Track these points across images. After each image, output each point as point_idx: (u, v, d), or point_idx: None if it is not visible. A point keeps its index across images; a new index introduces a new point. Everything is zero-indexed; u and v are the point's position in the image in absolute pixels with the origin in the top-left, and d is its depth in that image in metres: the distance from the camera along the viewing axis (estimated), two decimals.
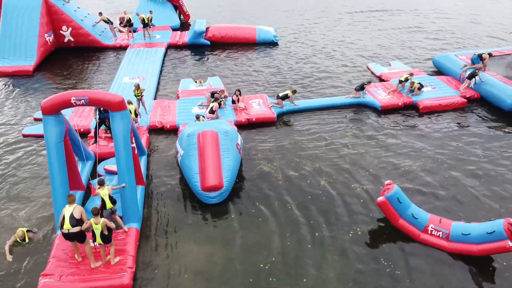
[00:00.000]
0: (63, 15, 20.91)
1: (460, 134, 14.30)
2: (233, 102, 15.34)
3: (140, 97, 14.63)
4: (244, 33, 22.46)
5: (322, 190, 11.45)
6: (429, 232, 9.52)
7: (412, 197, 10.92)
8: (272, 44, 22.63)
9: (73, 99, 9.66)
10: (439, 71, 18.96)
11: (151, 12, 22.61)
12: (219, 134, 11.58)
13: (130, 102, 13.89)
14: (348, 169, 12.35)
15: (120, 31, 23.96)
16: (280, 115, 15.42)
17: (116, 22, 24.89)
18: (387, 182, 10.09)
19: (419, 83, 16.23)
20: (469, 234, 9.15)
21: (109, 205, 9.54)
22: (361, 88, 16.26)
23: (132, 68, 18.70)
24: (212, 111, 14.37)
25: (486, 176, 12.06)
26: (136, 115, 13.94)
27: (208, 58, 20.93)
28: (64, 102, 9.75)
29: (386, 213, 9.69)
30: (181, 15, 26.78)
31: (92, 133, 13.59)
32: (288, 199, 11.15)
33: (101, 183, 9.59)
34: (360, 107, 16.09)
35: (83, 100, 9.70)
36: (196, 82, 17.43)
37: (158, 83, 17.98)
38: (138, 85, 14.58)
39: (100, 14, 22.21)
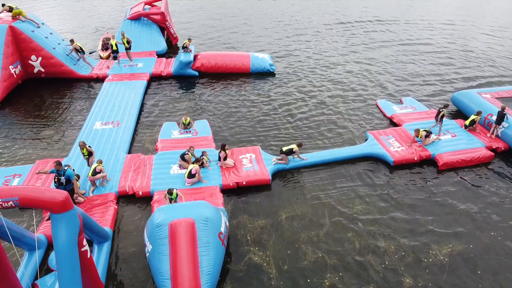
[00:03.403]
0: (32, 43, 18.48)
1: (492, 202, 11.93)
2: (220, 159, 12.98)
3: (87, 156, 12.34)
4: (237, 62, 20.06)
5: None
6: None
7: None
8: (268, 74, 20.23)
9: None
10: (459, 112, 16.58)
11: (189, 40, 20.14)
12: (196, 224, 9.19)
13: (100, 162, 11.83)
14: (359, 259, 9.98)
15: (101, 57, 21.56)
16: (276, 173, 13.08)
17: (98, 44, 22.63)
18: None
19: (425, 131, 13.88)
20: None
21: None
22: (438, 114, 14.53)
23: (106, 109, 16.24)
24: (191, 175, 12.00)
25: None
26: (96, 173, 11.76)
27: (195, 94, 18.50)
28: None
29: None
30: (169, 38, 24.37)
31: None
32: None
33: None
34: (370, 161, 13.73)
35: (11, 202, 7.37)
36: (183, 120, 14.95)
37: (136, 127, 15.57)
38: (83, 143, 12.26)
39: (72, 41, 19.75)
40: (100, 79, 19.38)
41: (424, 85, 19.61)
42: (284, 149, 13.18)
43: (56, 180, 10.48)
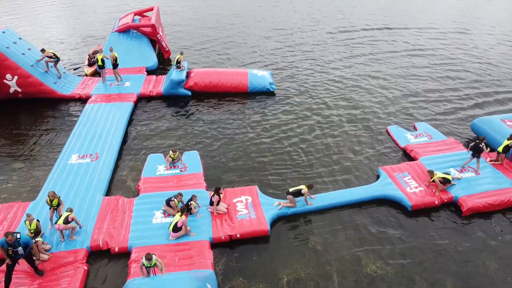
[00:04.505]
0: (7, 61, 16.67)
1: None
2: (212, 203, 11.22)
3: (56, 207, 10.57)
4: (234, 80, 18.30)
5: None
6: None
7: None
8: (268, 93, 18.47)
9: None
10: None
11: (182, 54, 18.45)
12: None
13: (70, 210, 10.31)
14: None
15: (85, 74, 19.78)
16: (275, 220, 11.33)
17: (87, 59, 20.84)
18: None
19: (443, 178, 11.91)
20: None
21: None
22: (478, 150, 12.48)
23: (85, 138, 14.41)
24: (176, 229, 10.24)
25: None
26: (36, 233, 9.62)
27: (186, 117, 16.70)
28: None
29: None
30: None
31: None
32: None
33: None
34: (383, 203, 11.97)
35: None
36: (170, 155, 13.07)
37: (117, 160, 13.80)
38: (54, 193, 10.45)
39: (43, 50, 17.81)
40: (83, 100, 17.64)
41: (437, 102, 18.17)
42: (291, 190, 11.43)
43: (11, 252, 8.63)
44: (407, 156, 14.13)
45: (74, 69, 20.69)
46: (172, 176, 12.69)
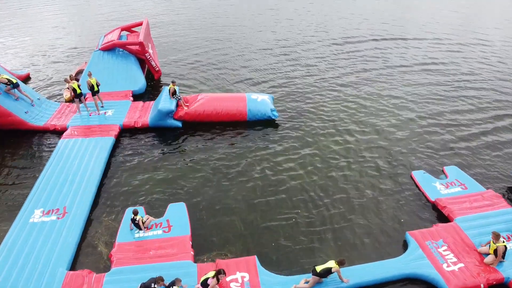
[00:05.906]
0: None
1: None
2: (206, 286, 8.85)
3: None
4: (231, 107, 15.97)
5: None
6: None
7: None
8: (269, 122, 16.15)
9: None
10: None
11: (174, 83, 16.03)
12: None
13: None
14: None
15: (65, 100, 17.47)
16: None
17: (74, 78, 18.41)
18: None
19: (506, 248, 9.57)
20: None
21: None
22: None
23: (53, 187, 12.06)
24: None
25: None
26: None
27: (174, 156, 14.27)
28: None
29: None
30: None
31: None
32: None
33: None
34: (413, 282, 9.62)
35: None
36: (142, 220, 10.72)
37: (90, 215, 11.49)
38: None
39: None
40: (58, 132, 15.34)
41: (464, 128, 16.09)
42: (319, 269, 9.11)
43: None
44: (438, 210, 11.76)
45: (52, 95, 18.38)
46: (153, 240, 10.37)
